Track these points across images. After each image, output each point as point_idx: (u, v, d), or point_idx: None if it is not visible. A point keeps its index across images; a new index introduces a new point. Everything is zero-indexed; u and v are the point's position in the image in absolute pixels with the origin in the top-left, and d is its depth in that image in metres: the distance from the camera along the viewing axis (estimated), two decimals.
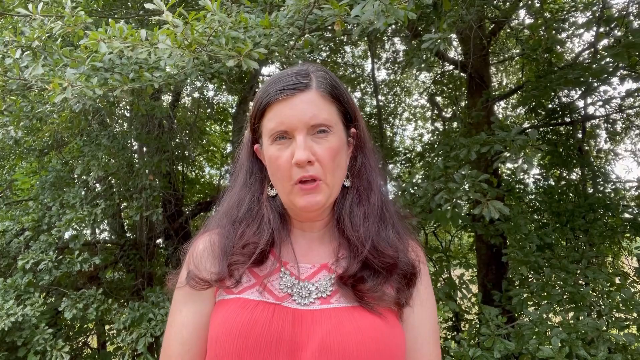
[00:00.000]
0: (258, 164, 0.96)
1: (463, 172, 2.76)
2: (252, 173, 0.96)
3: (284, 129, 0.84)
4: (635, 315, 3.01)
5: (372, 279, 0.86)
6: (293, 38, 2.05)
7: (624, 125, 5.12)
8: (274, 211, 0.92)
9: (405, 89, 7.98)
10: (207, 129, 7.27)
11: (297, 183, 0.85)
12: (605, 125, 5.01)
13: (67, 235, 3.78)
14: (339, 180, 0.89)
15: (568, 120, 4.75)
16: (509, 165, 4.54)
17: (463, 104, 5.97)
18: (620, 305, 3.07)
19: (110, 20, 1.66)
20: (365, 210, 0.91)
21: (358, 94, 7.67)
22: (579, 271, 3.28)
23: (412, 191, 3.27)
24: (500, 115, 6.74)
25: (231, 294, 0.88)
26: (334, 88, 0.89)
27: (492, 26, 4.96)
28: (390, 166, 6.87)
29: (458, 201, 2.83)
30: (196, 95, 6.17)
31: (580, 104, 4.74)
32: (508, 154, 2.67)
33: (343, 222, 0.91)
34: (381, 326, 0.82)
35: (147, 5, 1.45)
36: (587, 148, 5.12)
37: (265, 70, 6.24)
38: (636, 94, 4.19)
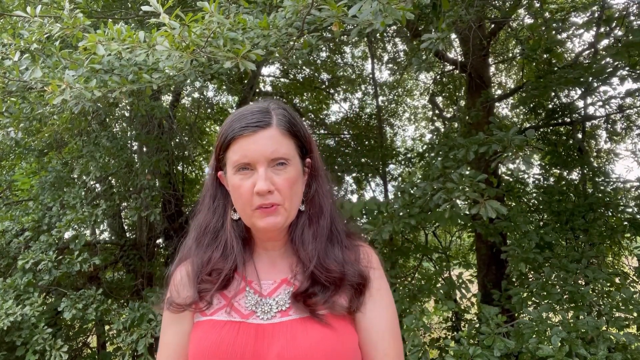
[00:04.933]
0: (221, 190, 1.06)
1: (461, 172, 2.76)
2: (215, 198, 1.06)
3: (247, 161, 0.94)
4: (635, 314, 3.01)
5: (322, 293, 0.97)
6: (292, 39, 2.05)
7: (624, 125, 5.11)
8: (237, 235, 1.03)
9: (407, 90, 7.97)
10: (207, 129, 7.27)
11: (257, 208, 0.95)
12: (605, 125, 5.01)
13: (67, 235, 3.78)
14: (296, 206, 1.00)
15: (568, 120, 4.74)
16: (507, 165, 4.54)
17: (463, 104, 5.96)
18: (620, 304, 3.06)
19: (109, 21, 1.66)
20: (314, 231, 1.02)
21: (359, 95, 7.66)
22: (578, 271, 3.28)
23: (412, 191, 3.27)
24: (502, 115, 6.74)
25: (205, 315, 1.00)
26: (292, 125, 0.99)
27: (492, 26, 4.95)
28: (391, 166, 6.87)
29: (457, 201, 2.83)
30: (196, 95, 6.16)
31: (580, 104, 4.74)
32: (506, 154, 2.67)
33: (295, 241, 1.02)
34: (330, 336, 0.92)
35: (145, 8, 1.45)
36: (587, 148, 5.11)
37: (265, 70, 6.24)
38: (636, 94, 4.18)
